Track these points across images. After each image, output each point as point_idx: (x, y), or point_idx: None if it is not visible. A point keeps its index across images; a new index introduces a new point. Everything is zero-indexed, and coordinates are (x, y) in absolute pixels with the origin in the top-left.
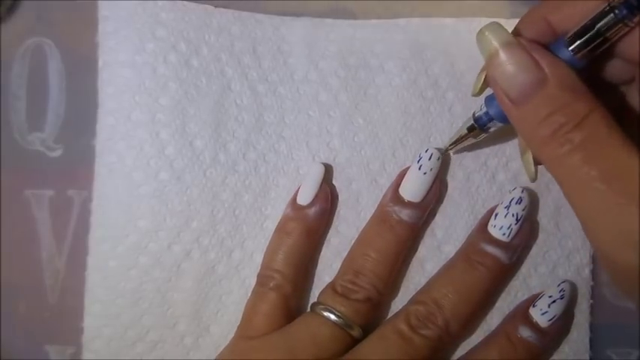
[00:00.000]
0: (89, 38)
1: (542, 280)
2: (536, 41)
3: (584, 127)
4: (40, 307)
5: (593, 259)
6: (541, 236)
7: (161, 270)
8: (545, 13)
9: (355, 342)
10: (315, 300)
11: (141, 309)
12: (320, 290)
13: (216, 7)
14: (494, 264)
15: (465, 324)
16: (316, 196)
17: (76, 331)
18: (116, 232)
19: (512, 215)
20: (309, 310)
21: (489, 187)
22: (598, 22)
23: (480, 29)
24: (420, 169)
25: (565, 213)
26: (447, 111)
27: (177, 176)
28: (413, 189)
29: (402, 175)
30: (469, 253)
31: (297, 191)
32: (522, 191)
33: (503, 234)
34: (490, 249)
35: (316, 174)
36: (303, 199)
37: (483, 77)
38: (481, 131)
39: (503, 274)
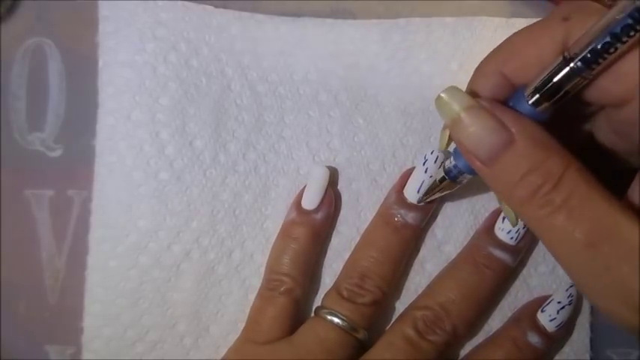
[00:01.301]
0: (89, 38)
1: (543, 280)
2: (496, 97)
3: (562, 186)
4: (40, 307)
5: None
6: None
7: (161, 270)
8: (499, 64)
9: (361, 344)
10: (320, 303)
11: (141, 309)
12: (321, 291)
13: (216, 7)
14: (500, 267)
15: (470, 327)
16: (322, 200)
17: (76, 331)
18: (116, 232)
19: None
20: (313, 313)
21: (487, 185)
22: (555, 77)
23: (438, 95)
24: (426, 172)
25: None
26: None
27: (177, 176)
28: (417, 190)
29: (405, 177)
30: (475, 255)
31: (301, 194)
32: None
33: (511, 238)
34: (497, 252)
35: (321, 178)
36: (309, 203)
37: (447, 134)
38: (454, 183)
39: (508, 276)
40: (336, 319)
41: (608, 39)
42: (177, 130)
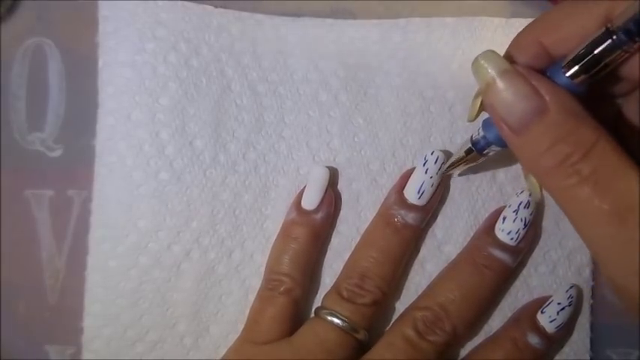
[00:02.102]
0: (89, 38)
1: (543, 280)
2: (532, 67)
3: (591, 157)
4: (40, 307)
5: (594, 260)
6: (542, 236)
7: (161, 270)
8: (538, 35)
9: (360, 344)
10: (320, 304)
11: (140, 309)
12: (321, 291)
13: (215, 7)
14: (500, 268)
15: (470, 327)
16: (322, 200)
17: (75, 331)
18: (116, 232)
19: (521, 220)
20: (313, 314)
21: (489, 187)
22: (596, 48)
23: (475, 58)
24: (426, 172)
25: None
26: (447, 111)
27: (177, 176)
28: (418, 191)
29: (405, 177)
30: (475, 256)
31: (301, 194)
32: (530, 194)
33: (511, 238)
34: (497, 253)
35: (321, 178)
36: (309, 203)
37: (479, 102)
38: (480, 155)
39: (508, 277)
40: (336, 320)
41: None
42: (177, 130)
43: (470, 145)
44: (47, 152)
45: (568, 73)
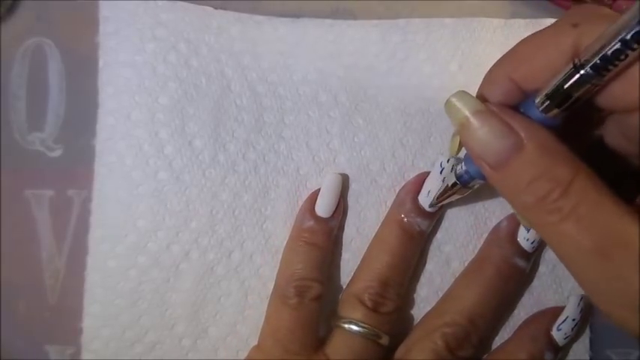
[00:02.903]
0: (89, 38)
1: (543, 280)
2: (506, 103)
3: (571, 193)
4: (40, 307)
5: None
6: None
7: (160, 270)
8: (509, 71)
9: (383, 348)
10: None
11: (139, 309)
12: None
13: (215, 8)
14: (521, 276)
15: (493, 335)
16: (336, 207)
17: (75, 331)
18: (115, 231)
19: None
20: (336, 322)
21: (490, 186)
22: (565, 83)
23: (448, 99)
24: (443, 180)
25: None
26: None
27: (176, 176)
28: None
29: (418, 183)
30: (501, 268)
31: (311, 200)
32: None
33: (533, 247)
34: (520, 262)
35: (336, 185)
36: (325, 211)
37: (458, 140)
38: (465, 188)
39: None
40: (366, 332)
41: (618, 46)
42: (177, 129)
43: (454, 179)
44: (47, 152)
45: (541, 108)
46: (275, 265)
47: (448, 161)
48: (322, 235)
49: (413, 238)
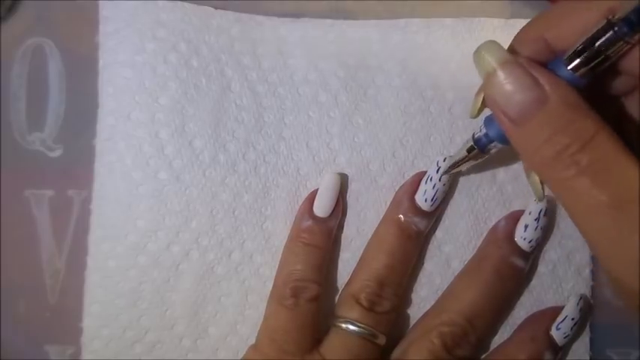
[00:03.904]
0: (89, 38)
1: (542, 280)
2: (534, 59)
3: (591, 148)
4: (40, 307)
5: (593, 260)
6: None
7: (160, 270)
8: (541, 30)
9: (379, 347)
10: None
11: (139, 309)
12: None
13: (215, 8)
14: (520, 276)
15: (492, 335)
16: (335, 207)
17: (75, 331)
18: (115, 231)
19: (541, 229)
20: (333, 321)
21: (490, 186)
22: (597, 40)
23: (477, 48)
24: (440, 179)
25: (565, 213)
26: (447, 111)
27: (176, 176)
28: (432, 199)
29: (415, 182)
30: (500, 267)
31: (310, 200)
32: (547, 201)
33: (531, 247)
34: (518, 261)
35: (333, 185)
36: (323, 211)
37: (481, 99)
38: (481, 153)
39: (523, 282)
40: (362, 331)
41: None
42: (177, 130)
43: (472, 142)
44: (47, 152)
45: (569, 66)
46: (275, 265)
47: (444, 160)
48: (321, 236)
49: (411, 238)
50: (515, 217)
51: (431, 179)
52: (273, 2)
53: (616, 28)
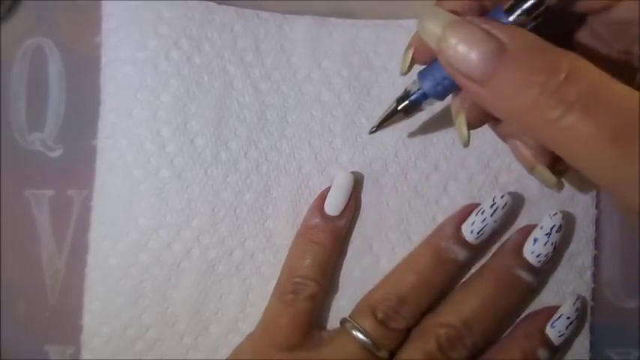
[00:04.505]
0: (89, 38)
1: (543, 280)
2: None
3: (572, 79)
4: (40, 307)
5: (594, 261)
6: None
7: (161, 268)
8: None
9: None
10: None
11: (140, 307)
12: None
13: (218, 4)
14: (524, 289)
15: (490, 342)
16: (346, 206)
17: (76, 331)
18: (116, 229)
19: (552, 244)
20: (340, 324)
21: (492, 188)
22: None
23: (419, 20)
24: (492, 215)
25: (565, 214)
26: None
27: (177, 174)
28: (478, 232)
29: (466, 212)
30: (501, 275)
31: (321, 197)
32: (562, 217)
33: (539, 261)
34: (524, 274)
35: (346, 183)
36: (333, 209)
37: (411, 53)
38: (413, 109)
39: (530, 296)
40: (366, 340)
41: None
42: (179, 127)
43: (405, 99)
44: (47, 152)
45: (511, 18)
46: (276, 263)
47: (502, 197)
48: (328, 234)
49: (445, 264)
50: (527, 231)
51: (482, 212)
52: (274, 2)
53: None
